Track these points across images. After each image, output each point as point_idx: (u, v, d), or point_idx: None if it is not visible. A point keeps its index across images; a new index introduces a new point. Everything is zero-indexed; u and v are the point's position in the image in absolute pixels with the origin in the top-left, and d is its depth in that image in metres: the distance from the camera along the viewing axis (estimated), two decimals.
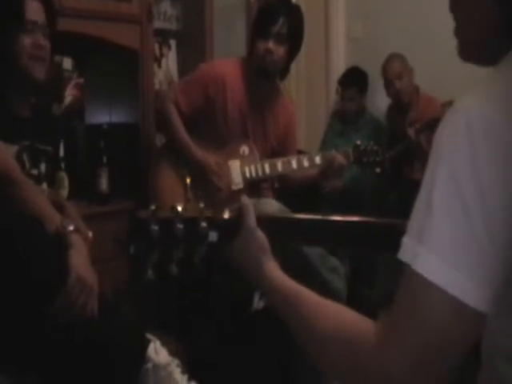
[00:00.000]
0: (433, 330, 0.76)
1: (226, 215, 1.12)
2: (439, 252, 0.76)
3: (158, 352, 1.82)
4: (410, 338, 0.77)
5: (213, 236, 1.10)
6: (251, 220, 1.10)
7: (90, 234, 1.94)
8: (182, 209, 1.10)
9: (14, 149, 1.96)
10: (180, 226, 1.08)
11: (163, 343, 1.87)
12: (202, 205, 1.12)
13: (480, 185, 0.75)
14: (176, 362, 1.86)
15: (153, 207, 1.10)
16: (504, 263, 0.77)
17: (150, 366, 1.80)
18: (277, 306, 1.01)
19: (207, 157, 2.80)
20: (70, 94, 3.23)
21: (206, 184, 2.82)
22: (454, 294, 0.75)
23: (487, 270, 0.76)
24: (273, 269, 1.06)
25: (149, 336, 1.86)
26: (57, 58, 3.14)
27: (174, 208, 1.10)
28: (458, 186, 0.76)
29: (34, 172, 2.04)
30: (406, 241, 0.80)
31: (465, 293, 0.75)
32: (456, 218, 0.76)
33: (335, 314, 0.91)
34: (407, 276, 0.78)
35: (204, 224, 1.09)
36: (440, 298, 0.76)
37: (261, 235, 1.09)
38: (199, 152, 2.80)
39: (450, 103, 3.49)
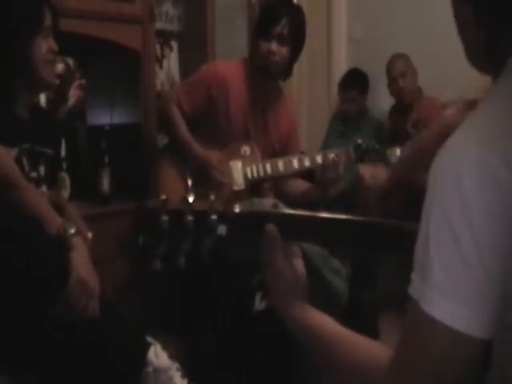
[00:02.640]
0: (439, 361, 0.79)
1: (237, 209, 1.12)
2: (437, 287, 0.79)
3: (158, 356, 1.81)
4: (420, 374, 0.81)
5: (222, 229, 1.10)
6: (279, 259, 1.08)
7: (90, 235, 1.94)
8: (193, 201, 1.10)
9: (13, 152, 1.96)
10: (190, 217, 1.09)
11: (164, 346, 1.87)
12: (212, 197, 1.12)
13: (470, 223, 0.78)
14: (176, 365, 1.86)
15: (163, 197, 1.10)
16: (501, 290, 0.79)
17: (150, 369, 1.79)
18: (302, 340, 1.03)
19: (209, 153, 2.80)
20: (72, 95, 3.23)
21: (207, 184, 2.82)
22: (454, 326, 0.78)
23: (486, 300, 0.79)
24: (298, 310, 1.06)
25: (149, 339, 1.86)
26: (58, 58, 3.14)
27: (184, 199, 1.09)
28: (451, 225, 0.79)
29: (34, 175, 2.04)
30: (413, 277, 0.83)
31: (468, 325, 0.78)
32: (451, 256, 0.79)
33: (354, 348, 0.93)
34: (415, 313, 0.81)
35: (214, 217, 1.09)
36: (442, 332, 0.79)
37: (289, 271, 1.08)
38: (201, 150, 2.80)
39: (450, 105, 3.49)
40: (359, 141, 2.84)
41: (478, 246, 0.77)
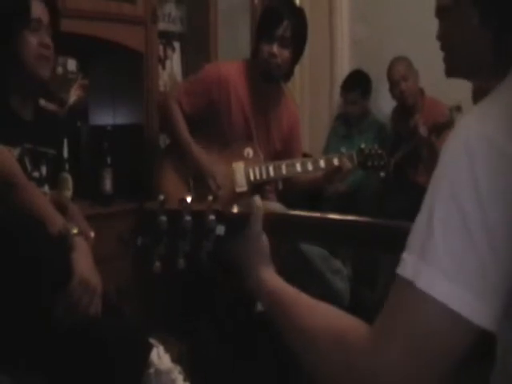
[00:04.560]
0: (431, 341, 0.77)
1: (235, 209, 1.12)
2: (440, 268, 0.77)
3: (160, 357, 1.81)
4: (409, 349, 0.78)
5: (220, 230, 1.10)
6: (258, 224, 1.10)
7: (93, 235, 1.93)
8: (191, 201, 1.10)
9: (16, 151, 1.96)
10: (188, 218, 1.09)
11: (166, 347, 1.86)
12: (210, 198, 1.12)
13: (480, 202, 0.76)
14: (178, 368, 1.85)
15: (161, 197, 1.10)
16: (507, 275, 0.77)
17: (152, 371, 1.79)
18: (269, 307, 1.02)
19: (209, 162, 2.79)
20: (74, 96, 3.23)
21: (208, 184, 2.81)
22: (454, 308, 0.76)
23: (490, 284, 0.77)
24: (269, 273, 1.07)
25: (152, 341, 1.85)
26: (61, 59, 3.15)
27: (182, 200, 1.10)
28: (459, 204, 0.77)
29: (36, 175, 2.04)
30: (407, 257, 0.80)
31: (466, 307, 0.76)
32: (456, 235, 0.77)
33: (327, 313, 0.92)
34: (408, 292, 0.79)
35: (212, 217, 1.10)
36: (441, 313, 0.76)
37: (264, 241, 1.11)
38: (201, 154, 2.79)
39: (457, 108, 3.48)
40: (362, 145, 2.84)
41: (490, 233, 0.76)
